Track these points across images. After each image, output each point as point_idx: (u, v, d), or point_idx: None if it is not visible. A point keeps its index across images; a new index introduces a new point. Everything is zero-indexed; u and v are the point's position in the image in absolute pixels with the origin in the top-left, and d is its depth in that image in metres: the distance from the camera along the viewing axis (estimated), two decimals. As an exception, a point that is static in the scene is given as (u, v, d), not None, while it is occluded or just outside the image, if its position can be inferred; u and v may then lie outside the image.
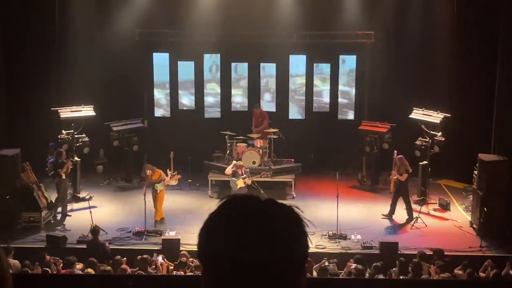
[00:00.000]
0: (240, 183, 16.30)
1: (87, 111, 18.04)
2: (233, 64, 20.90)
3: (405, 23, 19.74)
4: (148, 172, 16.03)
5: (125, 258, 12.72)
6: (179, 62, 20.81)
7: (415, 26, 19.64)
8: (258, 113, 19.46)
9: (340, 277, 11.61)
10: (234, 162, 17.09)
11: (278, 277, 1.62)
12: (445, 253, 13.32)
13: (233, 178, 16.39)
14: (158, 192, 15.88)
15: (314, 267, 12.35)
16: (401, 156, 16.53)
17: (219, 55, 20.76)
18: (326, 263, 12.58)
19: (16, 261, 12.29)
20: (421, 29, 19.65)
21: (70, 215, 16.57)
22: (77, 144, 17.90)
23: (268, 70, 20.84)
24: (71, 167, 16.86)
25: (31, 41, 18.74)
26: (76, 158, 17.74)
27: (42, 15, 19.00)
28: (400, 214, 16.76)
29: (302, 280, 1.69)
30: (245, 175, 16.37)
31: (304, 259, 1.69)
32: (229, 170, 16.61)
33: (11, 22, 18.32)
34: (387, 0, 19.76)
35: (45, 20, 19.07)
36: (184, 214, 16.70)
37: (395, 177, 16.32)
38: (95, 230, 14.04)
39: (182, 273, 11.97)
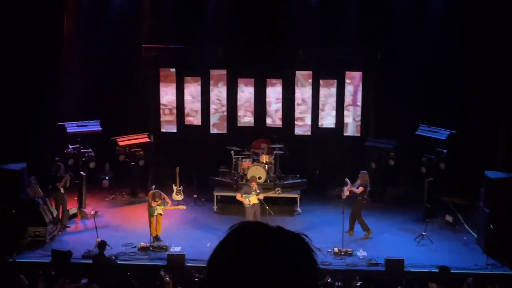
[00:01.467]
0: (253, 199, 16.12)
1: (93, 125, 18.09)
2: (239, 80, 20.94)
3: (411, 38, 19.75)
4: (152, 195, 15.84)
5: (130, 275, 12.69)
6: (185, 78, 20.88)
7: (422, 42, 19.66)
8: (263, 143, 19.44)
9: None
10: (249, 178, 17.01)
11: None
12: (451, 271, 13.22)
13: (246, 194, 16.19)
14: (155, 214, 15.67)
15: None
16: (365, 172, 16.58)
17: (225, 70, 20.79)
18: (329, 280, 12.52)
19: (22, 276, 12.27)
20: (428, 45, 19.65)
21: (69, 226, 16.67)
22: (83, 159, 17.94)
23: (274, 86, 20.85)
24: (68, 181, 16.85)
25: (37, 55, 18.83)
26: (82, 173, 17.77)
27: (49, 30, 19.09)
28: (406, 231, 16.72)
29: None
30: (258, 191, 16.27)
31: (315, 283, 1.70)
32: (239, 196, 16.40)
33: (18, 37, 18.41)
34: (393, 15, 19.79)
35: (52, 35, 19.17)
36: (190, 229, 16.68)
37: (350, 189, 16.26)
38: (101, 245, 14.02)
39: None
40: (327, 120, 20.92)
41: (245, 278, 1.62)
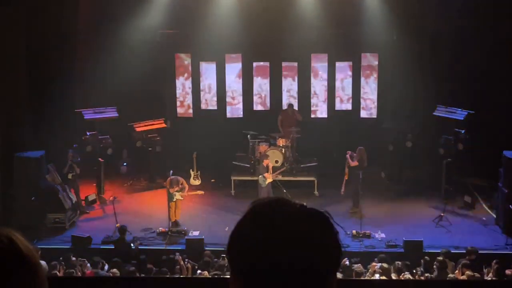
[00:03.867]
0: (268, 179, 16.30)
1: (110, 112, 18.15)
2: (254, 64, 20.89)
3: (427, 19, 19.56)
4: (170, 182, 15.91)
5: (150, 261, 12.76)
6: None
7: (438, 22, 19.46)
8: (291, 112, 19.36)
9: (365, 277, 11.55)
10: (263, 159, 17.05)
11: (311, 281, 1.61)
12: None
13: (261, 176, 16.38)
14: (174, 200, 15.79)
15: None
16: (362, 148, 16.78)
17: (240, 55, 20.76)
18: (347, 263, 12.52)
19: (43, 262, 12.40)
20: (444, 25, 19.46)
21: (87, 212, 16.90)
22: (101, 145, 18.02)
23: (290, 69, 20.80)
24: (74, 168, 16.92)
25: (54, 43, 18.87)
26: (99, 159, 17.87)
27: (65, 17, 19.12)
28: (424, 212, 16.69)
29: (333, 283, 1.68)
30: (272, 171, 16.46)
31: (337, 262, 1.68)
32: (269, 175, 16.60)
33: (35, 24, 18.44)
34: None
35: (68, 22, 19.20)
36: (207, 214, 16.74)
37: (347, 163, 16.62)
38: (122, 229, 14.11)
39: (206, 273, 12.00)
40: (344, 103, 20.86)
41: (266, 258, 1.60)
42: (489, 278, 11.64)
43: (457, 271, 12.09)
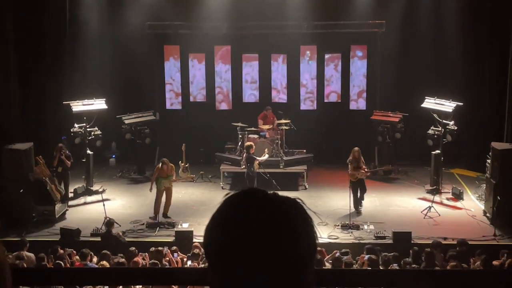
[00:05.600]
0: (256, 166, 16.36)
1: (99, 104, 18.08)
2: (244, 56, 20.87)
3: (416, 11, 19.64)
4: (160, 165, 15.78)
5: (139, 253, 12.74)
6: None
7: (427, 15, 19.54)
8: (270, 115, 19.31)
9: (355, 268, 11.58)
10: (246, 145, 16.96)
11: (287, 269, 1.60)
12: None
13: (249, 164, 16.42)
14: (162, 188, 15.71)
15: (326, 258, 12.34)
16: (355, 148, 16.26)
17: (229, 46, 20.73)
18: (337, 254, 12.55)
19: (32, 254, 12.38)
20: (433, 17, 19.54)
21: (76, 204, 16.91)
22: (90, 138, 17.97)
23: (279, 60, 20.80)
24: (63, 160, 16.85)
25: (42, 34, 18.80)
26: (88, 151, 17.82)
27: (53, 8, 19.04)
28: (413, 204, 16.77)
29: (311, 271, 1.67)
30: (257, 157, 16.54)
31: (312, 250, 1.67)
32: (259, 159, 16.57)
33: (23, 16, 18.35)
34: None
35: (57, 14, 19.11)
36: (197, 205, 16.73)
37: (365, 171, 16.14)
38: (109, 223, 14.10)
39: (195, 264, 12.01)
40: (332, 94, 20.90)
41: (244, 248, 1.59)
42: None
43: (444, 262, 12.15)
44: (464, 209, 16.52)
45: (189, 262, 12.41)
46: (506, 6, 17.61)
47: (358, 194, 16.04)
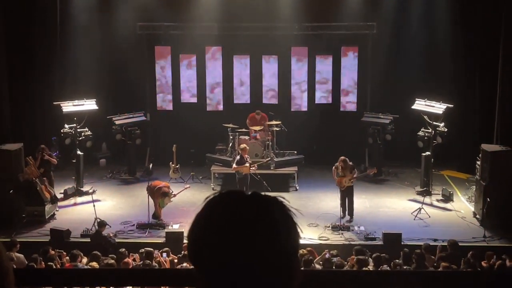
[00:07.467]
0: (245, 169, 16.23)
1: (89, 105, 18.02)
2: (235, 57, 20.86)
3: (407, 13, 19.70)
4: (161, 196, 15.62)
5: (129, 254, 12.71)
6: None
7: (417, 16, 19.61)
8: (259, 118, 19.28)
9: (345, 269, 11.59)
10: (241, 147, 16.86)
11: (268, 266, 1.60)
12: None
13: (239, 165, 16.33)
14: (164, 206, 15.62)
15: (316, 259, 12.33)
16: (342, 157, 15.84)
17: (220, 47, 20.73)
18: (327, 255, 12.56)
19: (21, 255, 12.32)
20: (423, 19, 19.61)
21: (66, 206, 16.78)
22: (80, 138, 17.90)
23: (270, 62, 20.80)
24: (53, 160, 16.82)
25: (33, 35, 18.73)
26: (79, 152, 17.76)
27: (44, 9, 18.97)
28: (403, 205, 16.81)
29: (296, 270, 1.66)
30: (251, 161, 16.38)
31: (295, 248, 1.66)
32: (234, 166, 16.44)
33: (14, 15, 18.28)
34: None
35: (47, 14, 19.05)
36: (187, 206, 16.68)
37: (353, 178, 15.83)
38: (100, 223, 14.05)
39: (186, 265, 11.98)
40: (323, 96, 20.92)
41: (225, 247, 1.58)
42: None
43: (435, 264, 12.19)
44: (454, 211, 16.58)
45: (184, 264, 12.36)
46: (496, 8, 17.66)
47: (347, 204, 15.86)
